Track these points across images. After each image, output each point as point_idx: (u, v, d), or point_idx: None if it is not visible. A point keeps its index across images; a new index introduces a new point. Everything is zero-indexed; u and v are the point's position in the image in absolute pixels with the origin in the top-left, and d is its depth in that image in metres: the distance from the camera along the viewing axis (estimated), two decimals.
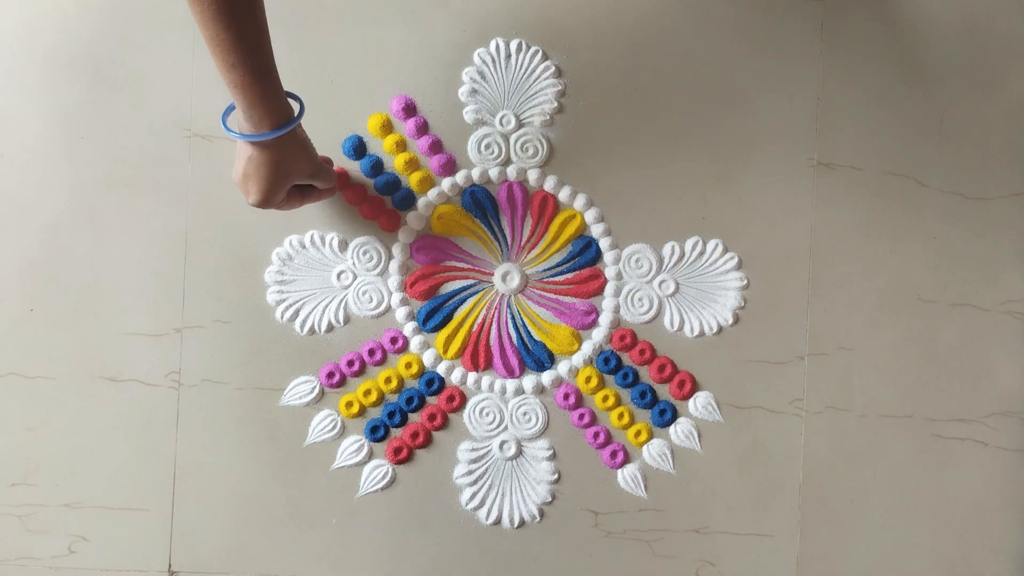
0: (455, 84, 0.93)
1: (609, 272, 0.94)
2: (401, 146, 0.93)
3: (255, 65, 0.72)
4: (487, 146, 0.93)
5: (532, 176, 0.93)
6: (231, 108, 0.77)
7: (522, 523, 0.93)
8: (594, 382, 0.93)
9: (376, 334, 0.93)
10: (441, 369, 0.93)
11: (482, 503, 0.93)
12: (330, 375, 0.92)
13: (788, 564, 0.94)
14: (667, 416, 0.93)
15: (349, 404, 0.92)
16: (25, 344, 0.92)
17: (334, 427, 0.92)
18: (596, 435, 0.93)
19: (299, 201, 0.84)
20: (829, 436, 0.94)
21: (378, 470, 0.93)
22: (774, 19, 0.94)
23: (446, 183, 0.93)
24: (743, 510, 0.94)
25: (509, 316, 0.94)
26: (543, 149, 0.93)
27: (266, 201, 0.78)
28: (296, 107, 0.78)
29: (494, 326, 0.93)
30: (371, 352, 0.92)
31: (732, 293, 0.94)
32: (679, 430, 0.94)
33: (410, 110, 0.93)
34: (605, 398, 0.93)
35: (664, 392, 0.94)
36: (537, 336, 0.93)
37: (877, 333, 0.95)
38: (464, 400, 0.93)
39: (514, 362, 0.93)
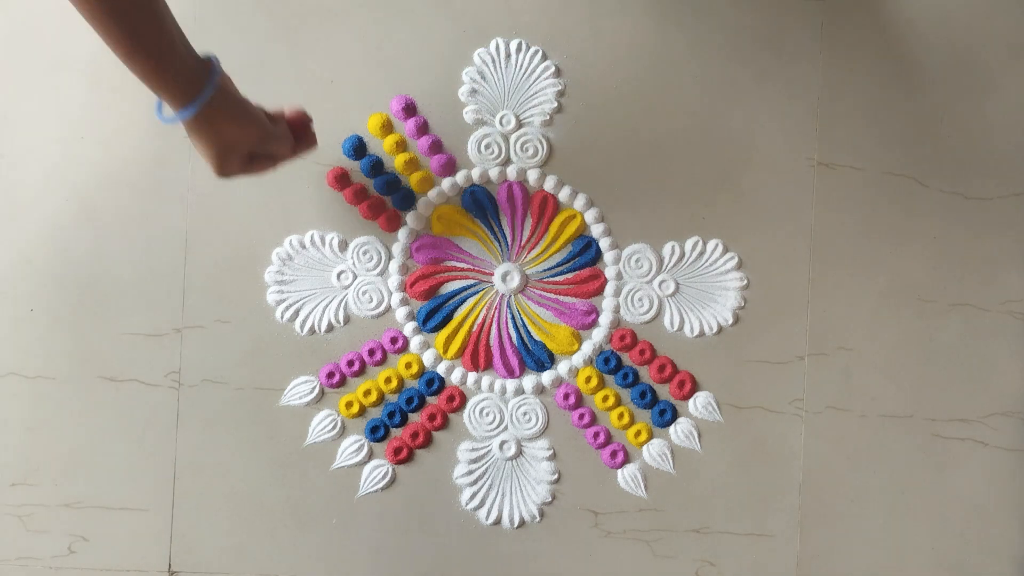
0: (455, 84, 0.93)
1: (609, 272, 0.94)
2: (401, 146, 0.93)
3: (151, 51, 0.69)
4: (487, 146, 0.93)
5: (532, 176, 0.93)
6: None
7: (522, 523, 0.93)
8: (594, 382, 0.93)
9: (376, 334, 0.93)
10: (441, 369, 0.93)
11: (482, 503, 0.93)
12: (330, 375, 0.92)
13: (788, 564, 0.94)
14: (667, 416, 0.93)
15: (349, 404, 0.92)
16: (25, 344, 0.92)
17: (334, 427, 0.92)
18: (596, 435, 0.93)
19: (269, 163, 0.78)
20: (829, 436, 0.94)
21: (378, 470, 0.93)
22: (774, 19, 0.94)
23: (446, 183, 0.93)
24: (743, 510, 0.94)
25: (509, 316, 0.94)
26: (543, 149, 0.93)
27: (223, 172, 0.74)
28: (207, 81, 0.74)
29: (494, 326, 0.93)
30: (371, 352, 0.92)
31: (732, 293, 0.94)
32: (679, 430, 0.94)
33: (410, 110, 0.93)
34: (605, 398, 0.93)
35: (664, 392, 0.94)
36: (537, 336, 0.93)
37: (877, 333, 0.95)
38: (464, 400, 0.93)
39: (514, 362, 0.93)
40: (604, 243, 0.93)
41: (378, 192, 0.93)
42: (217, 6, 0.92)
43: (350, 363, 0.92)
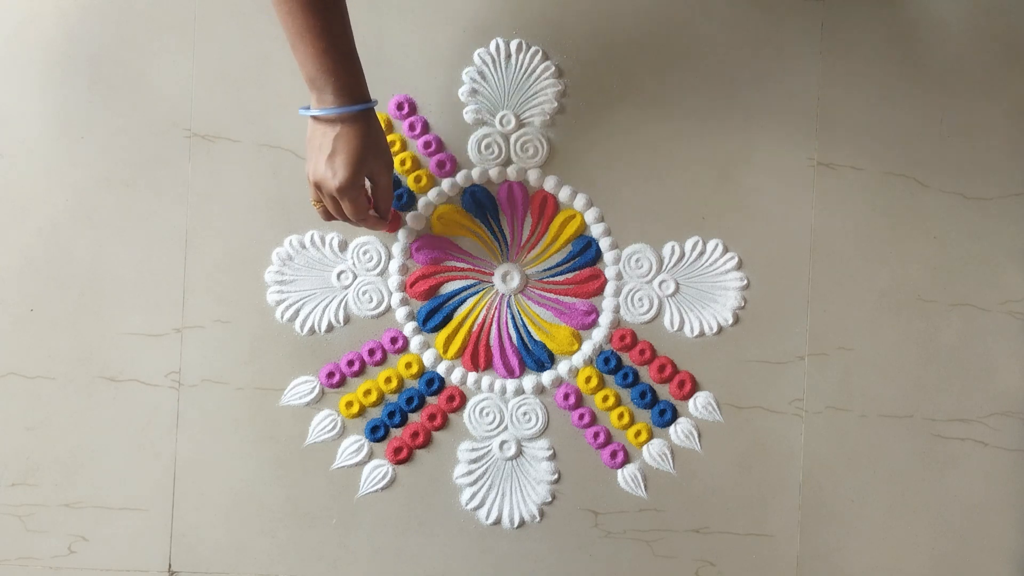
0: (455, 84, 0.93)
1: (609, 272, 0.94)
2: (400, 146, 0.93)
3: (344, 47, 0.77)
4: (487, 146, 0.93)
5: (532, 176, 0.93)
6: (305, 107, 0.80)
7: (522, 523, 0.93)
8: (594, 382, 0.93)
9: (376, 334, 0.93)
10: (441, 369, 0.93)
11: (482, 503, 0.93)
12: (330, 375, 0.92)
13: (788, 564, 0.94)
14: (667, 416, 0.93)
15: (349, 404, 0.92)
16: (25, 344, 0.92)
17: (334, 427, 0.92)
18: (596, 435, 0.93)
19: (367, 202, 0.83)
20: (829, 436, 0.94)
21: (378, 470, 0.93)
22: (774, 19, 0.94)
23: (446, 183, 0.93)
24: (743, 510, 0.94)
25: (509, 316, 0.94)
26: (543, 149, 0.93)
27: (354, 176, 0.79)
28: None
29: (494, 326, 0.93)
30: (371, 352, 0.92)
31: (732, 293, 0.94)
32: (679, 430, 0.94)
33: (410, 110, 0.93)
34: (605, 398, 0.93)
35: (664, 392, 0.94)
36: (537, 336, 0.93)
37: (877, 333, 0.95)
38: (464, 400, 0.93)
39: (514, 362, 0.93)
40: (604, 243, 0.93)
41: None
42: (217, 6, 0.92)
43: (350, 363, 0.92)
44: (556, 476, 0.93)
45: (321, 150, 0.79)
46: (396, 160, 0.92)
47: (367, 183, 0.84)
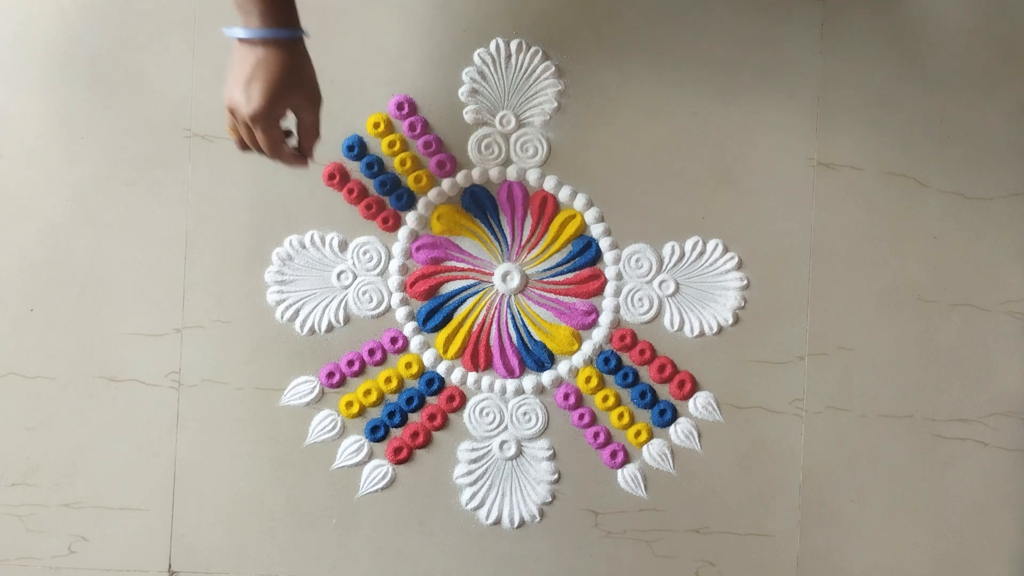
0: (455, 84, 0.93)
1: (609, 272, 0.94)
2: (401, 146, 0.93)
3: None
4: (487, 146, 0.93)
5: (532, 176, 0.93)
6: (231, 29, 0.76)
7: (522, 523, 0.93)
8: (594, 382, 0.93)
9: (376, 334, 0.93)
10: (441, 369, 0.93)
11: (482, 503, 0.93)
12: (330, 375, 0.92)
13: (788, 564, 0.94)
14: (667, 416, 0.93)
15: (349, 404, 0.92)
16: (25, 344, 0.92)
17: (334, 427, 0.92)
18: (596, 435, 0.93)
19: (281, 135, 0.79)
20: (829, 436, 0.94)
21: (378, 470, 0.93)
22: (774, 19, 0.94)
23: (446, 183, 0.93)
24: (743, 510, 0.94)
25: (509, 316, 0.94)
26: (543, 149, 0.93)
27: (270, 106, 0.75)
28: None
29: (494, 326, 0.93)
30: (371, 352, 0.92)
31: (732, 293, 0.94)
32: (679, 430, 0.94)
33: (410, 110, 0.93)
34: (605, 398, 0.93)
35: (664, 392, 0.94)
36: (537, 336, 0.93)
37: (877, 333, 0.95)
38: (464, 400, 0.93)
39: (514, 362, 0.93)
40: (604, 243, 0.93)
41: (378, 192, 0.93)
42: (217, 6, 0.92)
43: (350, 363, 0.92)
44: (556, 476, 0.93)
45: (240, 75, 0.75)
46: (396, 160, 0.92)
47: (291, 117, 0.80)
